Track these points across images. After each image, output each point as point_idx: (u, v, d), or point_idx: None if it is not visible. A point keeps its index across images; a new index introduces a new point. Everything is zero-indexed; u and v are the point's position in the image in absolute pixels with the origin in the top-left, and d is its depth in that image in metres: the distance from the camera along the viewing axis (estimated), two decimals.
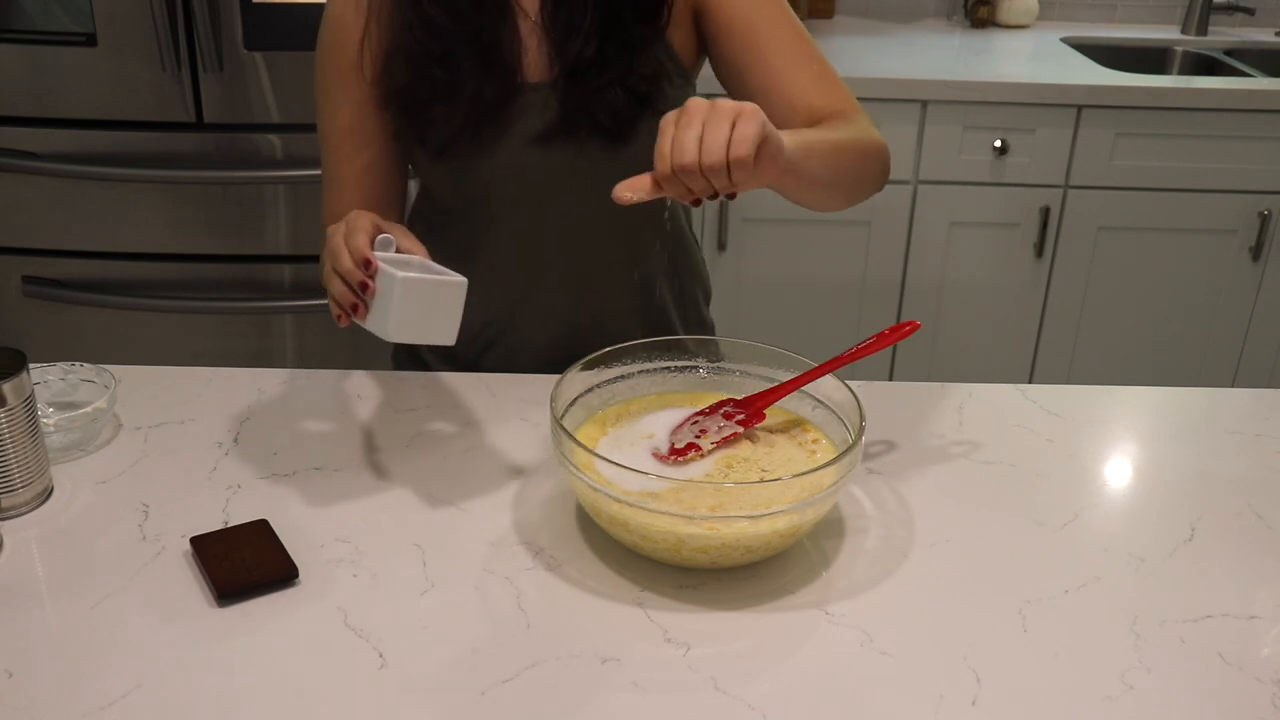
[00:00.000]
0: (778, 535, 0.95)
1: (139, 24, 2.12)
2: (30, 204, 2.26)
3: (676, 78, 1.24)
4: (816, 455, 1.07)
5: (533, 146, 1.22)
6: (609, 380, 1.12)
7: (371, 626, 0.91)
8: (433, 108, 1.21)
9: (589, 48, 1.19)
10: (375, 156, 1.28)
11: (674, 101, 1.21)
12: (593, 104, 1.20)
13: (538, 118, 1.22)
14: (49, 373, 1.18)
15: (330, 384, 1.28)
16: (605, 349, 1.11)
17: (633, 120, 1.21)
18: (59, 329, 2.36)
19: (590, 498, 0.97)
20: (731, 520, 0.93)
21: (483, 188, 1.26)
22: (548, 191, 1.25)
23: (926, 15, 2.97)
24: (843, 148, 1.14)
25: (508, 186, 1.25)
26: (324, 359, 2.38)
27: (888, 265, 2.51)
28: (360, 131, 1.26)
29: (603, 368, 1.11)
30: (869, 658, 0.89)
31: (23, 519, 1.03)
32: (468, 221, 1.29)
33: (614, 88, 1.19)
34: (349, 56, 1.23)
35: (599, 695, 0.85)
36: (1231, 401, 1.31)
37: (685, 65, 1.25)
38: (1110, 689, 0.87)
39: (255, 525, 1.01)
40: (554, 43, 1.21)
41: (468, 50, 1.19)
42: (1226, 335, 2.60)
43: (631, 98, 1.20)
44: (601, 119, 1.20)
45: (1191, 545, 1.04)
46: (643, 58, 1.21)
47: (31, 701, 0.83)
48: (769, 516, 0.93)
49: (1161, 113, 2.38)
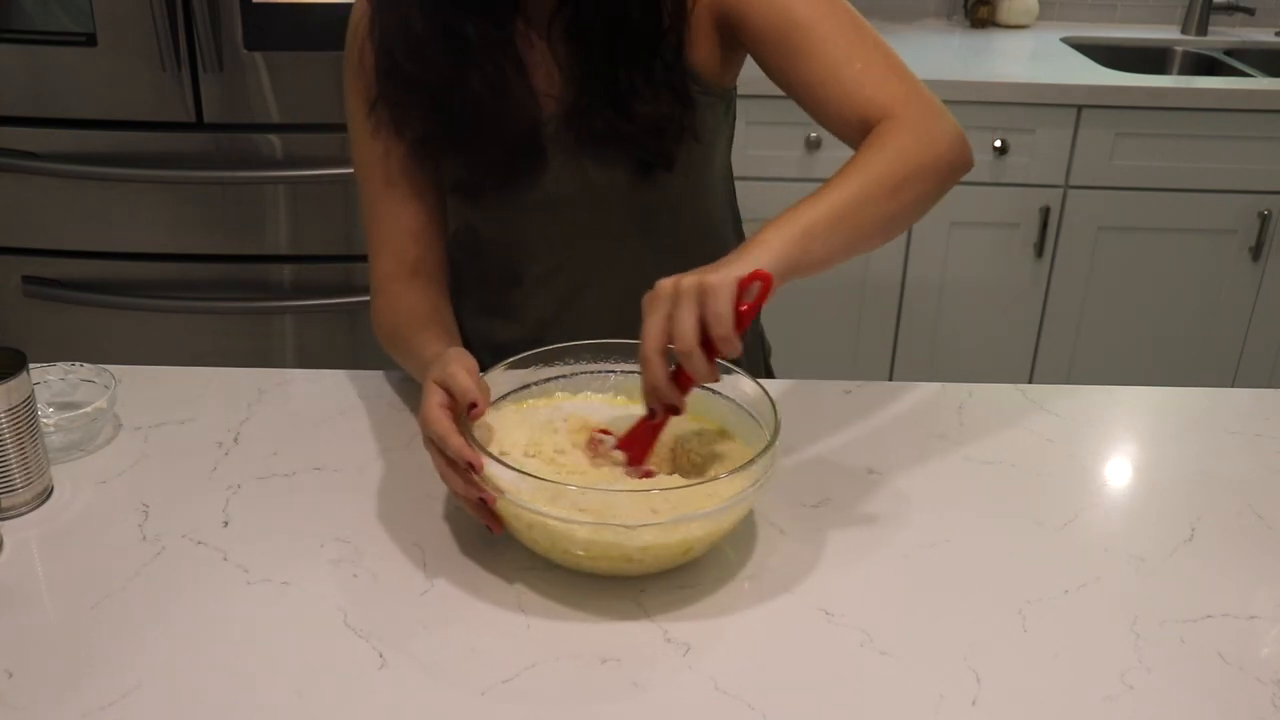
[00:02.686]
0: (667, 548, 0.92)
1: (139, 24, 2.12)
2: (30, 204, 2.26)
3: (702, 96, 1.19)
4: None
5: (568, 177, 1.19)
6: (540, 380, 1.10)
7: (371, 626, 0.91)
8: (451, 153, 1.19)
9: (608, 77, 1.14)
10: (413, 196, 1.24)
11: (703, 120, 1.19)
12: (620, 137, 1.15)
13: (564, 150, 1.18)
14: (49, 373, 1.18)
15: (330, 384, 1.28)
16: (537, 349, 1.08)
17: (666, 148, 1.17)
18: (59, 329, 2.36)
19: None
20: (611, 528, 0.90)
21: (515, 223, 1.24)
22: (582, 221, 1.22)
23: (926, 15, 2.97)
24: (866, 196, 1.01)
25: (540, 220, 1.23)
26: (324, 359, 2.38)
27: (888, 265, 2.51)
28: (392, 171, 1.23)
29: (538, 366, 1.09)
30: (869, 658, 0.89)
31: (23, 519, 1.03)
32: (506, 250, 1.28)
33: (637, 119, 1.15)
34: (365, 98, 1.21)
35: (599, 695, 0.85)
36: (1231, 401, 1.31)
37: (709, 81, 1.19)
38: (1110, 689, 0.87)
39: None
40: (573, 73, 1.16)
41: (478, 95, 1.15)
42: (1226, 335, 2.59)
43: (660, 126, 1.16)
44: (635, 150, 1.17)
45: (1191, 545, 1.04)
46: (663, 85, 1.15)
47: (31, 701, 0.83)
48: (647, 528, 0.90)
49: (1161, 113, 2.38)
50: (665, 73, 1.15)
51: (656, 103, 1.15)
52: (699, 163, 1.23)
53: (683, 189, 1.22)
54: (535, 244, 1.26)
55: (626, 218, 1.22)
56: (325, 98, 2.19)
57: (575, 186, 1.20)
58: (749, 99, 2.38)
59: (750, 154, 2.32)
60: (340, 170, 2.20)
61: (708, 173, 1.26)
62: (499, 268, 1.30)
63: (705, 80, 1.19)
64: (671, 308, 0.91)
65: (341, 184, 2.24)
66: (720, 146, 1.27)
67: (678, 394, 0.94)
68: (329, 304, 2.34)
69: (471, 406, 0.96)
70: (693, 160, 1.21)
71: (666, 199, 1.22)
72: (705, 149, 1.22)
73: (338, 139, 2.19)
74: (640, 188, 1.19)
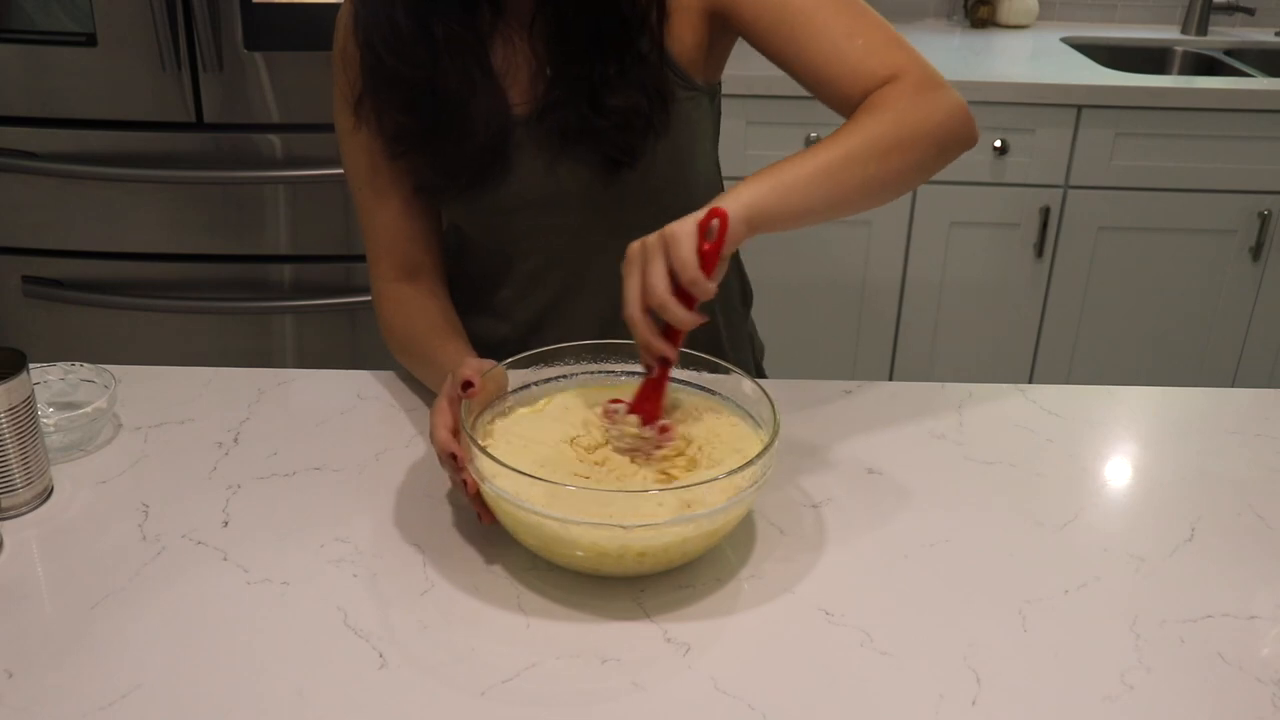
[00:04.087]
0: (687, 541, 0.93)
1: (139, 24, 2.12)
2: (30, 204, 2.26)
3: (681, 89, 1.18)
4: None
5: (536, 178, 1.18)
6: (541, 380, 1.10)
7: (371, 626, 0.91)
8: (428, 148, 1.18)
9: (584, 72, 1.13)
10: (402, 199, 1.24)
11: (681, 114, 1.18)
12: (591, 131, 1.14)
13: (537, 150, 1.17)
14: (49, 373, 1.18)
15: (330, 384, 1.28)
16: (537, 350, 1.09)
17: (633, 143, 1.15)
18: (59, 329, 2.36)
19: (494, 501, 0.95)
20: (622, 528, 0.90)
21: (497, 220, 1.23)
22: (562, 217, 1.22)
23: (926, 15, 2.97)
24: (854, 157, 1.01)
25: (521, 217, 1.22)
26: (324, 359, 2.39)
27: (888, 265, 2.51)
28: (379, 171, 1.23)
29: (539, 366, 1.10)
30: (869, 658, 0.89)
31: (23, 519, 1.03)
32: (492, 246, 1.27)
33: (609, 114, 1.13)
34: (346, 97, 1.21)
35: (599, 695, 0.85)
36: (1231, 401, 1.31)
37: (689, 74, 1.18)
38: (1110, 689, 0.87)
39: None
40: (547, 72, 1.16)
41: (448, 93, 1.15)
42: (1226, 335, 2.59)
43: (629, 120, 1.14)
44: (603, 146, 1.15)
45: (1191, 545, 1.04)
46: (639, 81, 1.14)
47: (31, 701, 0.83)
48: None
49: (1161, 113, 2.38)
50: (639, 66, 1.14)
51: (627, 96, 1.14)
52: (676, 160, 1.20)
53: (661, 186, 1.20)
54: (518, 244, 1.26)
55: (603, 216, 1.21)
56: (325, 98, 2.15)
57: (547, 186, 1.19)
58: (749, 99, 2.40)
59: (750, 154, 2.32)
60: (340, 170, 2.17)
61: (688, 170, 1.23)
62: (485, 267, 1.29)
63: (687, 73, 1.18)
64: (643, 264, 0.94)
65: (341, 184, 2.23)
66: (703, 142, 1.25)
67: (668, 346, 0.97)
68: (329, 304, 2.34)
69: (467, 386, 0.98)
70: (669, 157, 1.19)
71: (642, 196, 1.19)
72: (683, 145, 1.20)
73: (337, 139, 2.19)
74: (611, 185, 1.18)
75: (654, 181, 1.19)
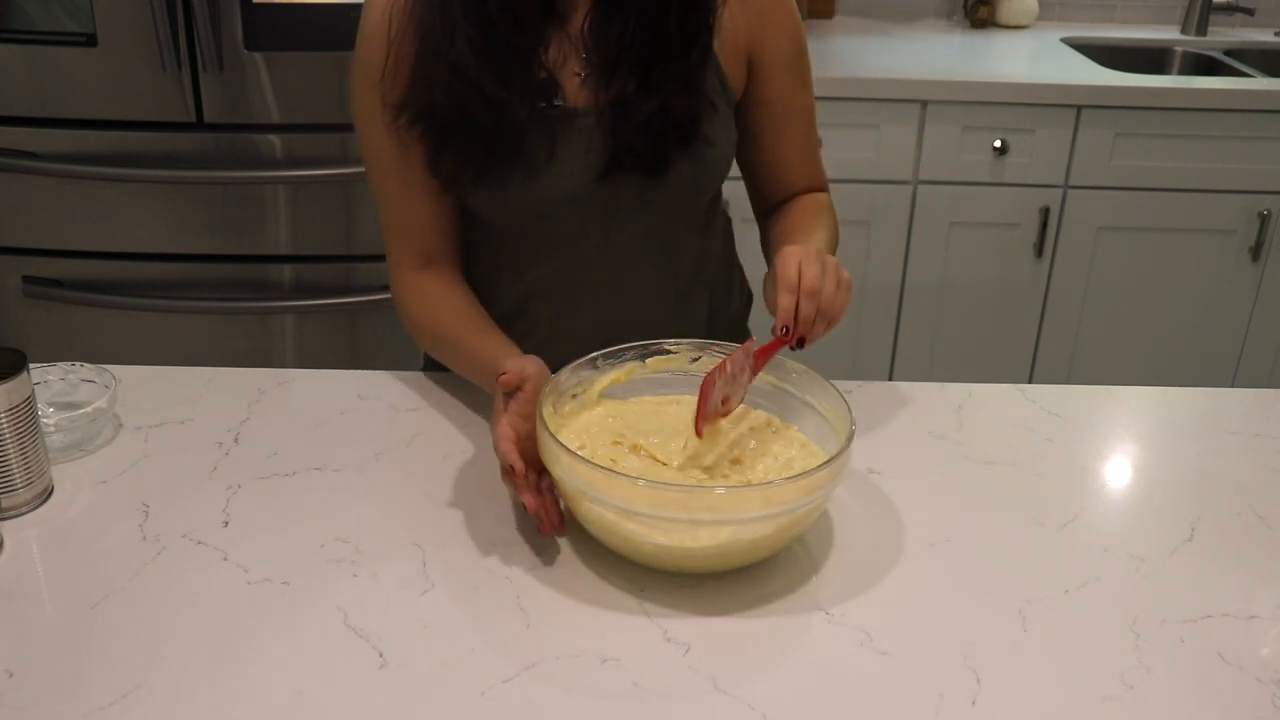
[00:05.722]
0: (766, 539, 0.95)
1: (139, 24, 2.12)
2: (30, 204, 2.26)
3: (719, 108, 1.20)
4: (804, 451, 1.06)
5: (570, 176, 1.18)
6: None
7: (371, 626, 0.91)
8: (463, 134, 1.17)
9: (633, 78, 1.15)
10: (428, 188, 1.22)
11: (713, 135, 1.20)
12: (634, 137, 1.16)
13: (578, 147, 1.17)
14: (49, 373, 1.18)
15: (330, 384, 1.28)
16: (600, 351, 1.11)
17: (669, 154, 1.18)
18: (59, 329, 2.36)
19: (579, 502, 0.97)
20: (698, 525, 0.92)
21: (520, 215, 1.23)
22: (586, 219, 1.22)
23: (926, 15, 2.97)
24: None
25: (545, 214, 1.22)
26: (324, 359, 2.38)
27: (888, 265, 2.51)
28: (412, 161, 1.21)
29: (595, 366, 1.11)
30: (869, 658, 0.89)
31: (23, 519, 1.03)
32: (509, 241, 1.27)
33: (656, 120, 1.16)
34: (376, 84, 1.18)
35: (599, 695, 0.85)
36: (1231, 401, 1.31)
37: (734, 95, 1.23)
38: (1110, 689, 0.87)
39: None
40: (598, 71, 1.17)
41: (508, 73, 1.14)
42: (1226, 335, 2.59)
43: (671, 131, 1.17)
44: (642, 152, 1.17)
45: (1191, 545, 1.04)
46: (687, 89, 1.17)
47: (31, 701, 0.83)
48: (757, 521, 0.92)
49: (1161, 113, 2.38)
50: (691, 73, 1.17)
51: (681, 101, 1.17)
52: (713, 171, 1.24)
53: (679, 196, 1.22)
54: (535, 235, 1.25)
55: (629, 217, 1.22)
56: (325, 98, 2.19)
57: (578, 184, 1.19)
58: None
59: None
60: (340, 170, 2.20)
61: (716, 181, 1.28)
62: (500, 259, 1.29)
63: (730, 89, 1.22)
64: (823, 275, 1.05)
65: (341, 184, 2.24)
66: (726, 153, 1.27)
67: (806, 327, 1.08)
68: (329, 304, 2.34)
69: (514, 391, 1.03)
70: (711, 170, 1.23)
71: (666, 204, 1.22)
72: (722, 157, 1.24)
73: (338, 139, 2.19)
74: (638, 188, 1.19)
75: (673, 195, 1.21)
